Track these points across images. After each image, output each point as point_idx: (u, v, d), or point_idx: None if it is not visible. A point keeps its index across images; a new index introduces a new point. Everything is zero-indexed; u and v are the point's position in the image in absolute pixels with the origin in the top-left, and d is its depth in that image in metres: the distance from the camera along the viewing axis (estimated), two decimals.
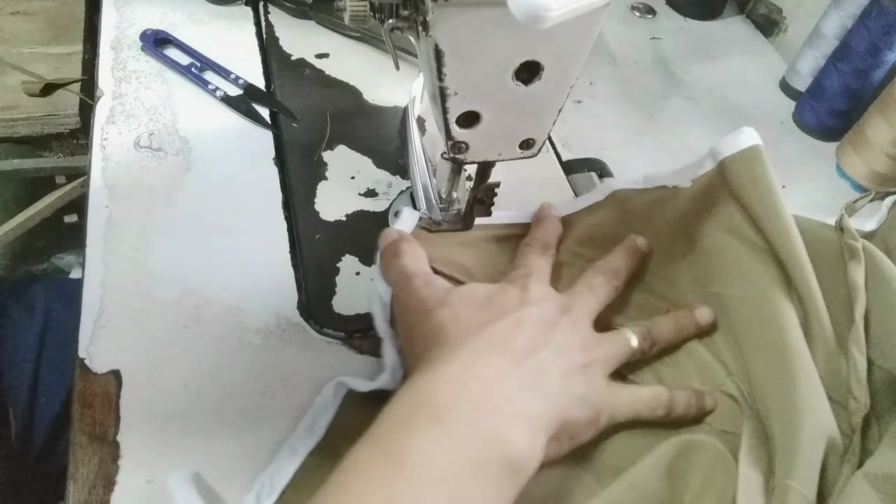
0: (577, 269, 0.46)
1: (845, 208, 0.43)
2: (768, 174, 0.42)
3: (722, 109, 0.71)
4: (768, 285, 0.41)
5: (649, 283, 0.47)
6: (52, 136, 0.81)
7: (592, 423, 0.38)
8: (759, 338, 0.40)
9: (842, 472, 0.34)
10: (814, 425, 0.34)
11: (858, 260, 0.40)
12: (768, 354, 0.39)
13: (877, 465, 0.33)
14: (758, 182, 0.42)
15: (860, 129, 0.63)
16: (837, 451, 0.35)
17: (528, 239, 0.47)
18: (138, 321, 0.43)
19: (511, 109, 0.36)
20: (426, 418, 0.32)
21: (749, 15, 0.86)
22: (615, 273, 0.44)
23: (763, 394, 0.38)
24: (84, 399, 0.40)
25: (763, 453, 0.36)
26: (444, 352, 0.36)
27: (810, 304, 0.40)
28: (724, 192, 0.45)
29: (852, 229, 0.41)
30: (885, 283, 0.39)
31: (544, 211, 0.49)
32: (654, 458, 0.37)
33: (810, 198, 0.63)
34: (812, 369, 0.37)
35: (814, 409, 0.35)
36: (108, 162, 0.52)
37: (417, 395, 0.34)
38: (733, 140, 0.44)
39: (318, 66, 0.64)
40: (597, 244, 0.48)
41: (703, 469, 0.37)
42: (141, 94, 0.58)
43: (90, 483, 0.36)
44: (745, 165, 0.43)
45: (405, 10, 0.34)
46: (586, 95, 0.69)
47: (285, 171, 0.54)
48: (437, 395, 0.33)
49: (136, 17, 0.65)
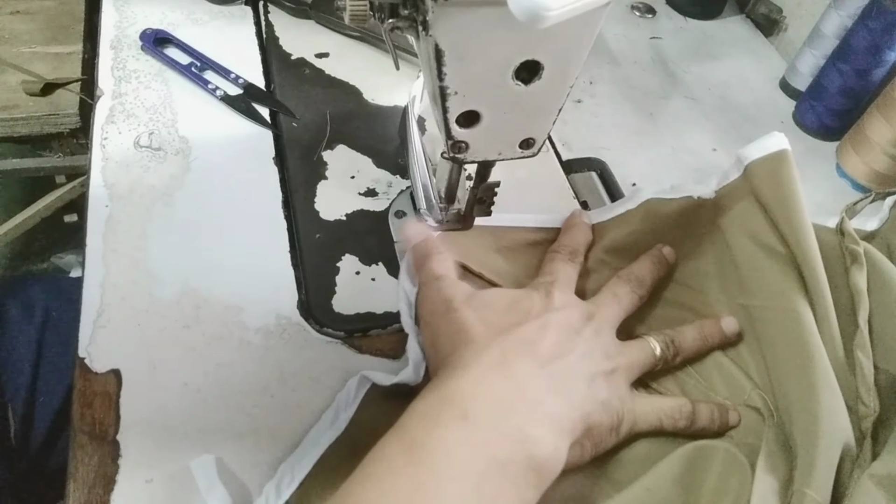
0: (604, 277, 0.46)
1: (846, 211, 0.43)
2: (793, 179, 0.42)
3: (722, 109, 0.71)
4: (789, 293, 0.40)
5: (676, 293, 0.47)
6: (52, 135, 0.81)
7: (614, 430, 0.38)
8: (784, 348, 0.40)
9: (852, 477, 0.34)
10: (832, 434, 0.34)
11: (861, 264, 0.40)
12: (792, 364, 0.38)
13: (882, 467, 0.33)
14: (782, 185, 0.42)
15: (860, 128, 0.63)
16: (851, 457, 0.35)
17: (556, 245, 0.47)
18: (138, 321, 0.43)
19: (511, 109, 0.36)
20: (452, 415, 0.32)
21: (749, 15, 0.86)
22: (640, 282, 0.44)
23: (787, 403, 0.38)
24: (84, 399, 0.40)
25: (782, 462, 0.36)
26: (470, 352, 0.36)
27: (821, 311, 0.40)
28: (750, 198, 0.44)
29: (853, 233, 0.41)
30: (886, 287, 0.39)
31: (575, 218, 0.49)
32: (669, 463, 0.37)
33: (810, 198, 0.61)
34: (832, 377, 0.37)
35: (833, 417, 0.35)
36: (108, 162, 0.52)
37: (444, 393, 0.34)
38: (761, 144, 0.44)
39: (318, 65, 0.64)
40: (625, 253, 0.47)
41: (718, 475, 0.37)
42: (141, 93, 0.58)
43: (90, 483, 0.36)
44: (770, 169, 0.43)
45: (405, 10, 0.34)
46: (586, 95, 0.69)
47: (285, 171, 0.54)
48: (463, 393, 0.33)
49: (136, 17, 0.65)
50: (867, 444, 0.35)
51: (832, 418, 0.35)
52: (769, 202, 0.43)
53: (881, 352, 0.38)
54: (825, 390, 0.36)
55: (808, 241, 0.40)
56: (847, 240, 0.41)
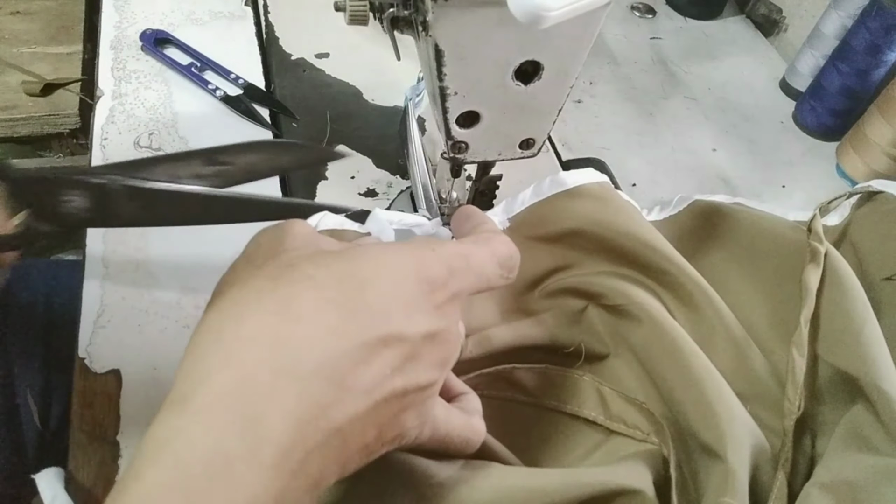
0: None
1: (819, 209, 0.43)
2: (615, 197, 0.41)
3: (722, 109, 0.71)
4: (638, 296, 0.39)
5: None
6: (53, 136, 0.81)
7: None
8: (658, 352, 0.38)
9: (776, 479, 0.33)
10: (736, 436, 0.33)
11: (817, 263, 0.39)
12: (674, 374, 0.37)
13: (825, 474, 0.33)
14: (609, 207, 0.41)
15: (860, 128, 0.63)
16: (766, 456, 0.34)
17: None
18: (138, 321, 0.43)
19: (511, 109, 0.36)
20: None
21: (749, 15, 0.86)
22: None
23: (680, 415, 0.36)
24: (84, 399, 0.40)
25: (690, 474, 0.34)
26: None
27: (708, 309, 0.39)
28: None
29: (819, 231, 0.41)
30: (840, 285, 0.38)
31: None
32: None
33: (810, 198, 0.63)
34: (719, 380, 0.35)
35: (732, 415, 0.34)
36: (109, 162, 0.52)
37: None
38: (575, 176, 0.41)
39: (318, 65, 0.64)
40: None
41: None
42: (141, 93, 0.58)
43: (90, 483, 0.36)
44: (592, 196, 0.41)
45: (405, 10, 0.34)
46: (586, 95, 0.69)
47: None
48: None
49: (136, 17, 0.65)
50: (788, 443, 0.35)
51: (732, 417, 0.33)
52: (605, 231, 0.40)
53: (827, 345, 0.37)
54: (716, 397, 0.34)
55: (658, 244, 0.40)
56: (812, 237, 0.41)
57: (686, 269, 0.40)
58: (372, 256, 0.23)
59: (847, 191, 0.45)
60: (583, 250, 0.41)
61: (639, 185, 0.61)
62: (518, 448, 0.35)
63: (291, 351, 0.20)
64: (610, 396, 0.39)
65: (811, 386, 0.37)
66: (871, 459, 0.32)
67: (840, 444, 0.34)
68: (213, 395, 0.19)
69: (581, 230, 0.40)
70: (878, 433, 0.32)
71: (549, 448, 0.38)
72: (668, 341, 0.37)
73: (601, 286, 0.40)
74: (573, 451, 0.38)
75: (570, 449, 0.38)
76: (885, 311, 0.39)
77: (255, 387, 0.19)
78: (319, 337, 0.20)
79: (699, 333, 0.38)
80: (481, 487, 0.29)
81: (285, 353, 0.20)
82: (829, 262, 0.39)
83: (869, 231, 0.43)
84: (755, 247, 0.43)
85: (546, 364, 0.40)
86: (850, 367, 0.35)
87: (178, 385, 0.21)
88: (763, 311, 0.42)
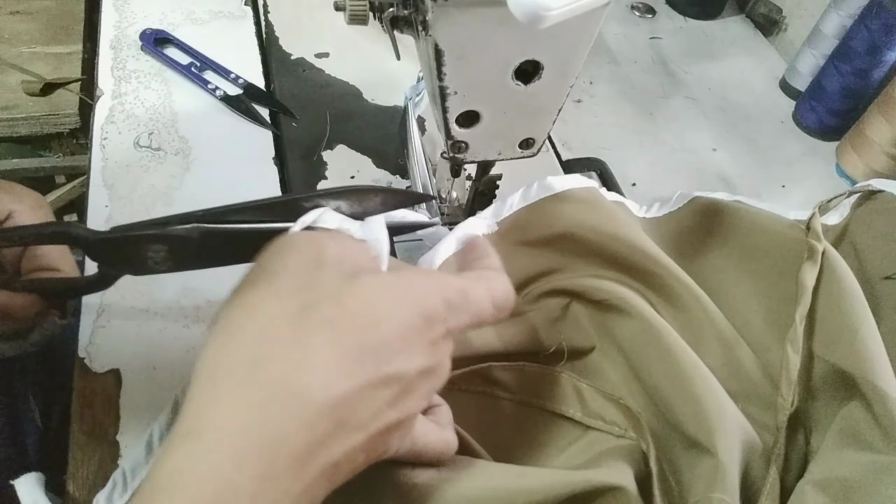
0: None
1: (818, 207, 0.43)
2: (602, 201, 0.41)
3: (722, 109, 0.71)
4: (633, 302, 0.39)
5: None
6: (52, 135, 0.81)
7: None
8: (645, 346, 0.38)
9: (769, 474, 0.33)
10: (726, 431, 0.33)
11: (814, 261, 0.39)
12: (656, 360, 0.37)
13: (819, 471, 0.33)
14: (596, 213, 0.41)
15: (860, 128, 0.63)
16: (757, 451, 0.34)
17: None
18: (138, 321, 0.43)
19: (511, 109, 0.36)
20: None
21: (749, 15, 0.86)
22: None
23: (665, 401, 0.36)
24: (84, 399, 0.40)
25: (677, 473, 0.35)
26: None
27: (697, 310, 0.39)
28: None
29: (818, 230, 0.41)
30: (837, 282, 0.38)
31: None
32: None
33: (810, 197, 0.62)
34: (701, 365, 0.36)
35: (721, 409, 0.34)
36: (108, 162, 0.52)
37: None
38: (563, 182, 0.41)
39: (318, 65, 0.64)
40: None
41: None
42: (141, 93, 0.58)
43: (90, 483, 0.36)
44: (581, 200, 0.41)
45: (405, 10, 0.34)
46: (586, 95, 0.69)
47: (285, 171, 0.54)
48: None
49: (136, 17, 0.65)
50: (780, 438, 0.35)
51: (722, 414, 0.34)
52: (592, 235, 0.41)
53: (824, 343, 0.37)
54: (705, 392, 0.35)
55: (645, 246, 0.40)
56: (811, 235, 0.41)
57: (674, 271, 0.40)
58: (386, 292, 0.25)
59: (847, 190, 0.45)
60: (570, 254, 0.41)
61: (639, 184, 0.61)
62: (494, 442, 0.35)
63: (302, 397, 0.22)
64: (588, 393, 0.39)
65: (806, 382, 0.37)
66: (866, 457, 0.32)
67: (835, 442, 0.34)
68: (224, 434, 0.21)
69: (569, 234, 0.40)
70: (874, 431, 0.33)
71: (526, 442, 0.38)
72: (655, 335, 0.37)
73: (587, 285, 0.40)
74: (550, 445, 0.38)
75: (547, 443, 0.38)
76: (884, 310, 0.39)
77: (266, 429, 0.21)
78: (330, 383, 0.22)
79: (688, 333, 0.39)
80: (466, 487, 0.30)
81: (296, 400, 0.22)
82: (827, 260, 0.39)
83: (868, 230, 0.43)
84: (754, 244, 0.43)
85: (524, 362, 0.40)
86: (847, 364, 0.35)
87: (189, 416, 0.22)
88: (760, 308, 0.42)
